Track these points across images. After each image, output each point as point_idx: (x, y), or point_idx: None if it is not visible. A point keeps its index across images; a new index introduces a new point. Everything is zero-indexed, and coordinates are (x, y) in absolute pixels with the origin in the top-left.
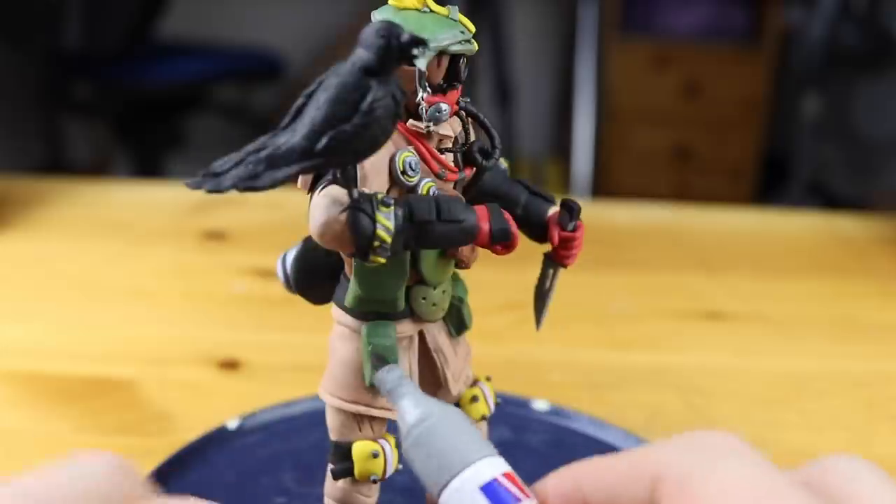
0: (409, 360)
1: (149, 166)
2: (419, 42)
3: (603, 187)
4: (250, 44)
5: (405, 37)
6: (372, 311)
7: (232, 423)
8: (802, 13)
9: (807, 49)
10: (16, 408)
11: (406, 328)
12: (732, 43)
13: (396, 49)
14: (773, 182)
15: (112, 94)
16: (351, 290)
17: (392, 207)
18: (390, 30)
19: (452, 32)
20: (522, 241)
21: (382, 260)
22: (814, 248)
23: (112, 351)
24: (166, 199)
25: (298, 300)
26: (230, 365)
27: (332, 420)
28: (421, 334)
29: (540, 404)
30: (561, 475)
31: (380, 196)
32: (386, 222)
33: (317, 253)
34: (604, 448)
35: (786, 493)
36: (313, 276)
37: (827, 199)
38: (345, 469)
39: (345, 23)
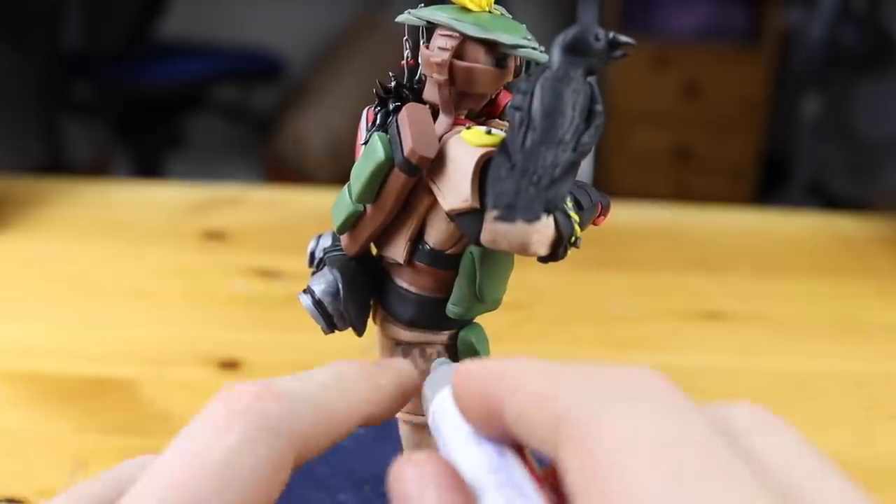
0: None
1: (149, 166)
2: (619, 43)
3: (603, 187)
4: (250, 44)
5: (612, 37)
6: (460, 318)
7: None
8: (802, 13)
9: (807, 49)
10: (16, 408)
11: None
12: (732, 43)
13: (608, 51)
14: (773, 182)
15: (112, 94)
16: (463, 297)
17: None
18: (601, 32)
19: (525, 37)
20: None
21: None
22: (814, 248)
23: (112, 351)
24: (166, 199)
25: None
26: (230, 365)
27: (407, 438)
28: None
29: None
30: (487, 373)
31: None
32: (575, 216)
33: (357, 274)
34: None
35: (696, 454)
36: (363, 301)
37: (827, 199)
38: None
39: (345, 23)
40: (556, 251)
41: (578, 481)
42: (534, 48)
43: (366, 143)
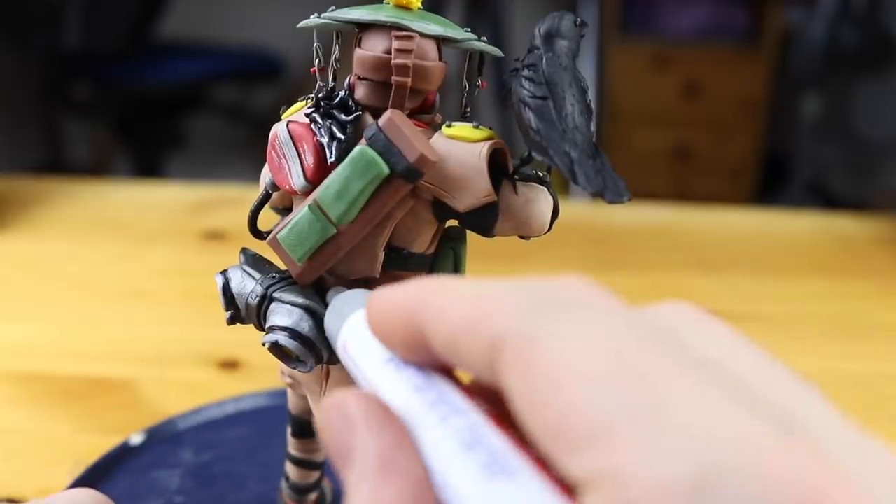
0: None
1: (149, 166)
2: (584, 24)
3: None
4: (250, 44)
5: (579, 20)
6: None
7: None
8: (802, 13)
9: (807, 49)
10: (16, 408)
11: None
12: (732, 43)
13: (580, 34)
14: (773, 182)
15: (112, 95)
16: None
17: None
18: (577, 19)
19: (466, 30)
20: (522, 243)
21: None
22: (814, 248)
23: (112, 351)
24: (166, 199)
25: None
26: (230, 365)
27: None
28: None
29: None
30: (406, 297)
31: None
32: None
33: (318, 300)
34: None
35: (643, 359)
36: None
37: (827, 199)
38: None
39: None
40: (552, 224)
41: (526, 406)
42: (480, 40)
43: (338, 160)
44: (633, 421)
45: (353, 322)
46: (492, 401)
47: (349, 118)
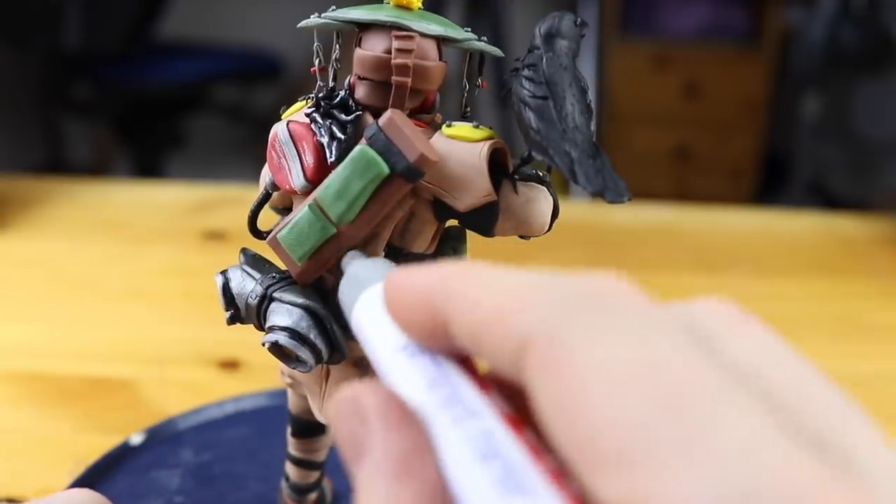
0: None
1: (149, 166)
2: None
3: None
4: (250, 44)
5: (579, 20)
6: None
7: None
8: (802, 13)
9: (807, 49)
10: (16, 408)
11: None
12: (732, 43)
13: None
14: (773, 182)
15: (112, 94)
16: None
17: None
18: (577, 19)
19: (466, 30)
20: (522, 243)
21: None
22: (814, 248)
23: (112, 351)
24: (166, 199)
25: None
26: (230, 365)
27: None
28: None
29: None
30: (428, 282)
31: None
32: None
33: (317, 299)
34: None
35: (682, 376)
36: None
37: (827, 199)
38: None
39: None
40: (552, 223)
41: (553, 412)
42: (480, 40)
43: (338, 160)
44: (668, 444)
45: (369, 296)
46: (509, 394)
47: (349, 118)
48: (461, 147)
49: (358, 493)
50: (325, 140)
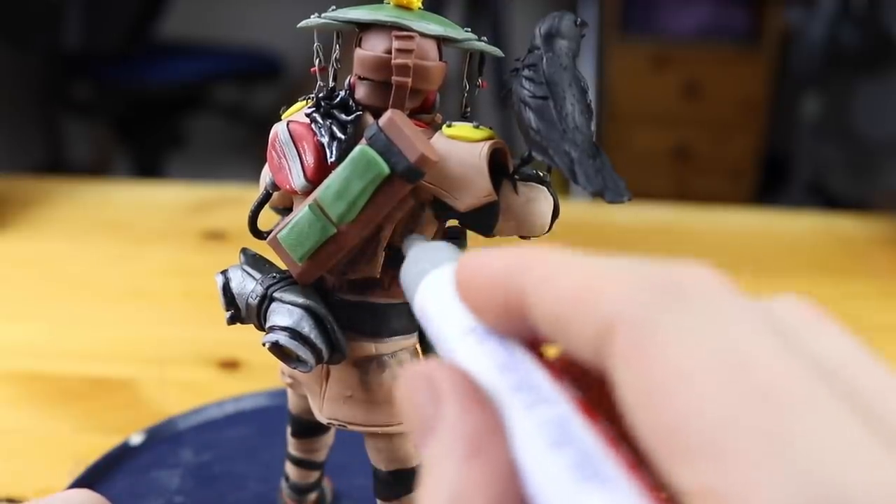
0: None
1: (149, 166)
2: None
3: None
4: (250, 44)
5: (579, 20)
6: None
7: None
8: (802, 13)
9: (807, 49)
10: (16, 408)
11: None
12: (732, 43)
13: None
14: (773, 182)
15: (112, 94)
16: None
17: None
18: (577, 19)
19: (466, 30)
20: (522, 243)
21: None
22: (814, 249)
23: (112, 351)
24: (166, 199)
25: None
26: (230, 365)
27: (397, 449)
28: None
29: None
30: (505, 263)
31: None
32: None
33: (318, 299)
34: None
35: (771, 370)
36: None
37: (827, 199)
38: None
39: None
40: (552, 224)
41: (637, 399)
42: (480, 40)
43: (338, 160)
44: (754, 438)
45: (434, 279)
46: (582, 382)
47: (349, 118)
48: (461, 147)
49: (426, 470)
50: (325, 140)
